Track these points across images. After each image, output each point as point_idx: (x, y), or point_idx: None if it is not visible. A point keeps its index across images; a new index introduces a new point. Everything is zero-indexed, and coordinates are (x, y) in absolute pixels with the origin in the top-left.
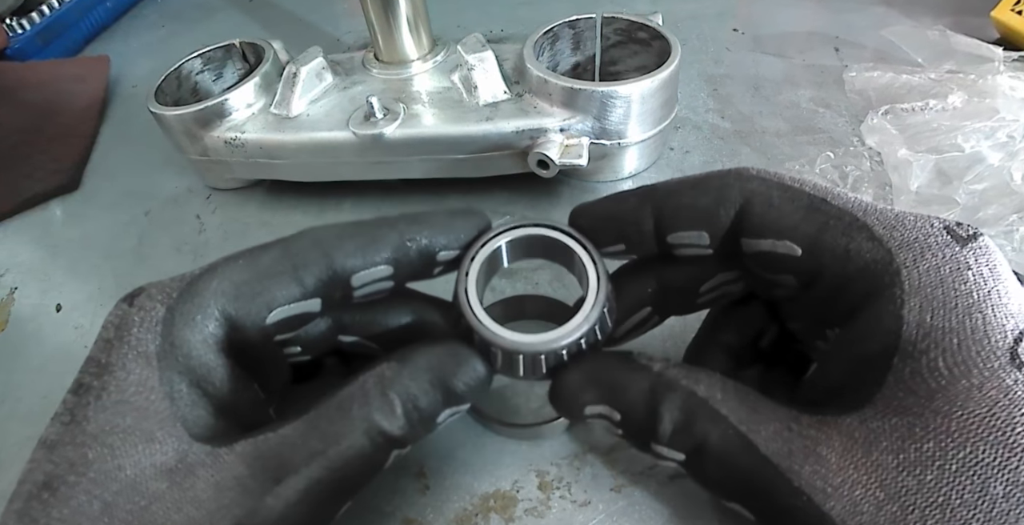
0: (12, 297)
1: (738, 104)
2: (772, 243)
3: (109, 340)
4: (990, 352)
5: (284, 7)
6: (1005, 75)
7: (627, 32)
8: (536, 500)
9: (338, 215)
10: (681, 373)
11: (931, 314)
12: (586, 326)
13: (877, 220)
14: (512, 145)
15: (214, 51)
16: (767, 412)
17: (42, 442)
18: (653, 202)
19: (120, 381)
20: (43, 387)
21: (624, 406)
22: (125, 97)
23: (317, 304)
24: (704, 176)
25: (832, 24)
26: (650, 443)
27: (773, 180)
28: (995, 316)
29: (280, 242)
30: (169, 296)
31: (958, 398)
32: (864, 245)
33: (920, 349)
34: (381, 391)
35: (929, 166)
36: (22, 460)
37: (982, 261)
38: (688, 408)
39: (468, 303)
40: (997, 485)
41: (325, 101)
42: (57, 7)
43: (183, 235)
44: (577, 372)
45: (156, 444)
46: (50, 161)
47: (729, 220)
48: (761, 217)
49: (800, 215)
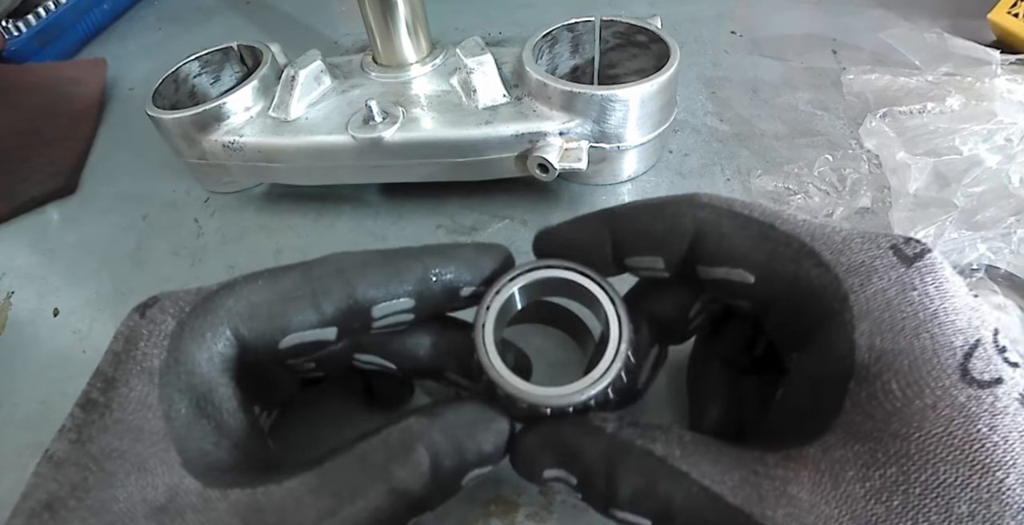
0: (9, 302)
1: (736, 107)
2: (727, 271)
3: (118, 353)
4: (941, 371)
5: (281, 9)
6: (1002, 78)
7: (626, 35)
8: (538, 505)
9: (337, 219)
10: (636, 433)
11: (880, 337)
12: (611, 375)
13: (825, 245)
14: (511, 149)
15: (212, 54)
16: (730, 460)
17: (49, 457)
18: (611, 226)
19: (122, 398)
20: (41, 392)
21: (580, 472)
22: (122, 100)
23: (333, 332)
24: (660, 202)
25: (829, 26)
26: (609, 508)
27: (723, 207)
28: (943, 334)
29: (302, 266)
30: (182, 310)
31: (913, 419)
32: (812, 271)
33: (873, 372)
34: (408, 445)
35: (927, 169)
36: (19, 466)
37: (928, 280)
38: (647, 471)
39: (489, 358)
40: (961, 505)
41: (324, 104)
42: (54, 9)
43: (181, 239)
44: (533, 436)
45: (148, 475)
46: (47, 164)
47: (684, 248)
48: (714, 246)
49: (750, 244)
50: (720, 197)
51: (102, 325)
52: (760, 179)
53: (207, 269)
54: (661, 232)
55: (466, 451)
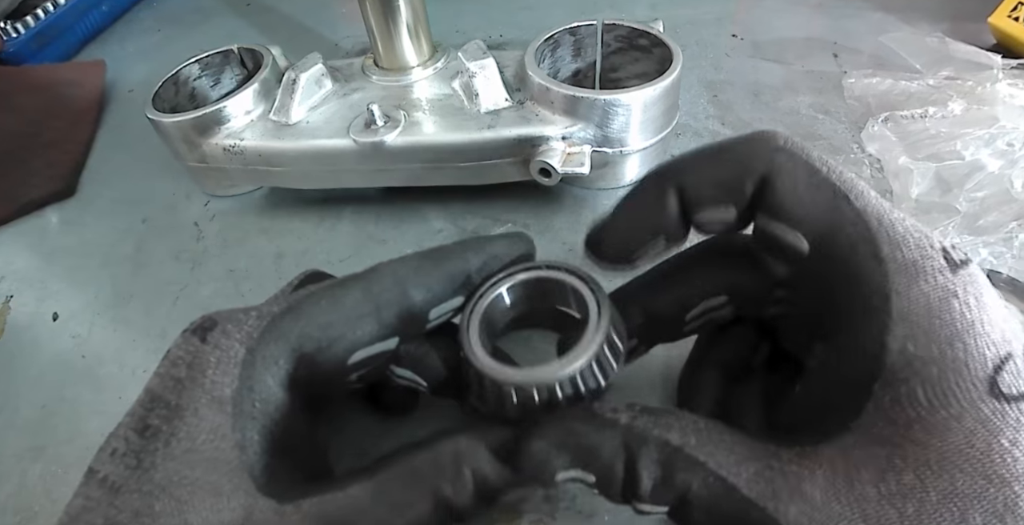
0: (8, 305)
1: (738, 110)
2: (784, 229)
3: (180, 380)
4: (970, 382)
5: (281, 11)
6: (1004, 83)
7: (628, 39)
8: (541, 512)
9: (338, 223)
10: (651, 421)
11: (914, 343)
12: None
13: (887, 235)
14: (513, 153)
15: (212, 57)
16: (745, 451)
17: (100, 480)
18: (675, 182)
19: (191, 427)
20: (41, 397)
21: (599, 469)
22: (121, 102)
23: (395, 342)
24: (729, 143)
25: (830, 30)
26: (632, 501)
27: (801, 157)
28: (976, 345)
29: (360, 280)
30: (249, 336)
31: (936, 429)
32: (866, 263)
33: (901, 377)
34: (457, 466)
35: (929, 174)
36: (20, 471)
37: (970, 290)
38: (665, 460)
39: (473, 350)
40: (976, 515)
41: (325, 108)
42: (53, 11)
43: (181, 242)
44: (542, 439)
45: (224, 499)
46: (46, 167)
47: (751, 191)
48: (782, 200)
49: (820, 210)
50: (797, 142)
51: (101, 329)
52: None
53: (207, 273)
54: (733, 177)
55: (509, 474)
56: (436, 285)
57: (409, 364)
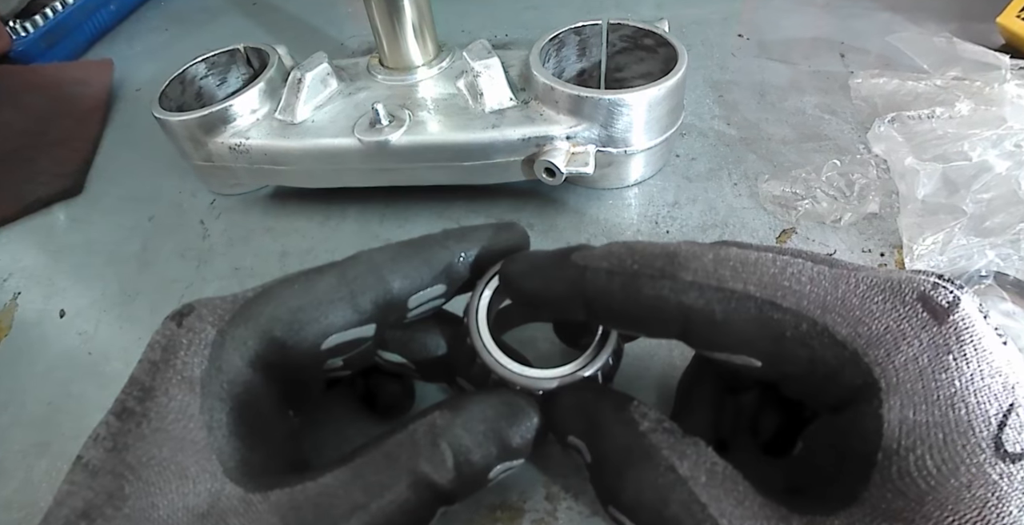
0: (15, 302)
1: (744, 110)
2: (728, 356)
3: (155, 362)
4: (975, 445)
5: (287, 10)
6: (1012, 83)
7: (633, 39)
8: (543, 511)
9: (343, 222)
10: (667, 440)
11: (913, 410)
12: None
13: (840, 316)
14: (518, 152)
15: (218, 56)
16: (754, 507)
17: (84, 465)
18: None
19: (161, 407)
20: (47, 393)
21: (596, 453)
22: (129, 101)
23: (372, 329)
24: (635, 286)
25: (837, 30)
26: (608, 506)
27: (711, 286)
28: (978, 402)
29: (336, 267)
30: (221, 318)
31: (948, 502)
32: (827, 353)
33: (906, 446)
34: (432, 441)
35: (936, 174)
36: (26, 467)
37: (964, 338)
38: (662, 485)
39: (482, 341)
40: None
41: (330, 107)
42: (61, 10)
43: (187, 240)
44: (571, 397)
45: (190, 482)
46: (53, 165)
47: (676, 333)
48: (707, 336)
49: (751, 329)
50: (705, 262)
51: (108, 326)
52: (767, 184)
53: (213, 271)
54: (645, 321)
55: (492, 445)
56: (414, 272)
57: (397, 347)
